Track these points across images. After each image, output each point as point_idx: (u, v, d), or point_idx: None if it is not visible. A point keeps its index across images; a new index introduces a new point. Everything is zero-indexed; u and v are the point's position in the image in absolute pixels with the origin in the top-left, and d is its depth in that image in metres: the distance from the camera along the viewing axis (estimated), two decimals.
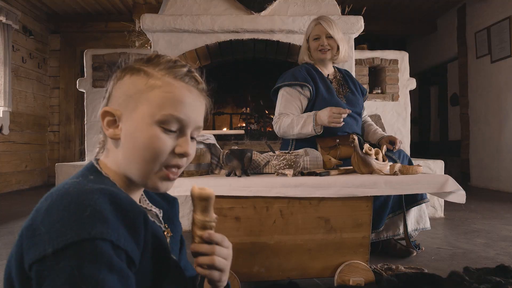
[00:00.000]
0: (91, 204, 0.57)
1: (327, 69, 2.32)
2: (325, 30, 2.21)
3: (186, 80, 0.74)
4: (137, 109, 0.71)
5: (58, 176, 3.04)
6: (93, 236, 0.55)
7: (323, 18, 2.25)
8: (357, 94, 2.32)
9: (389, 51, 3.83)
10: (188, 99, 0.73)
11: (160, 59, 0.76)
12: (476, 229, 2.80)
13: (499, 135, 5.14)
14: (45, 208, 0.59)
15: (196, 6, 3.32)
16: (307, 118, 2.06)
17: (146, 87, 0.72)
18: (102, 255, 0.55)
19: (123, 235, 0.59)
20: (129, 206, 0.62)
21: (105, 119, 0.73)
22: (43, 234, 0.56)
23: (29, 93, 5.67)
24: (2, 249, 2.29)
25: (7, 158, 5.13)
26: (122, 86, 0.74)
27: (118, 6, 5.88)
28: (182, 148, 0.73)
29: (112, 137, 0.73)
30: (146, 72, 0.73)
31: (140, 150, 0.70)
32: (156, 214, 0.84)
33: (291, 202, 1.57)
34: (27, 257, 0.57)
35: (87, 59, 3.69)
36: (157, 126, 0.70)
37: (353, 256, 1.62)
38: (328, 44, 2.22)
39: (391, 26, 6.52)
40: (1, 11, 4.70)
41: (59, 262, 0.53)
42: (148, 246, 0.65)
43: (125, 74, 0.75)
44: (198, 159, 1.65)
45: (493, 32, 5.18)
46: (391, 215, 2.08)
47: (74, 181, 0.65)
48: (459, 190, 1.63)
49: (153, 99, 0.71)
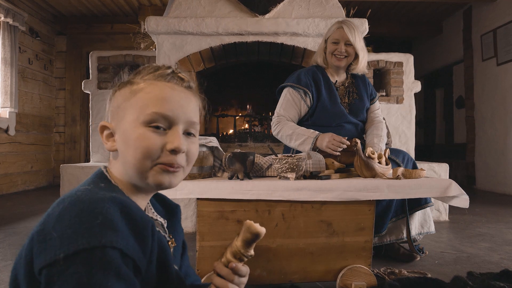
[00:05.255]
0: (102, 212, 0.59)
1: (338, 76, 2.25)
2: (346, 36, 2.11)
3: (168, 79, 0.76)
4: (125, 117, 0.74)
5: (63, 177, 3.06)
6: (103, 244, 0.56)
7: (347, 22, 2.14)
8: (365, 100, 2.26)
9: (394, 54, 3.82)
10: (171, 95, 0.75)
11: (146, 68, 0.79)
12: (481, 233, 2.78)
13: (505, 138, 5.10)
14: (57, 214, 0.60)
15: (201, 9, 3.33)
16: (307, 139, 2.05)
17: (130, 94, 0.75)
18: (111, 263, 0.56)
19: (132, 244, 0.60)
20: (138, 216, 0.63)
21: (103, 133, 0.77)
22: (55, 239, 0.57)
23: (35, 94, 5.72)
24: (7, 250, 2.31)
25: (13, 159, 5.17)
26: (114, 101, 0.78)
27: (124, 8, 5.91)
28: (172, 144, 0.73)
29: (110, 149, 0.76)
30: (131, 82, 0.77)
31: (131, 151, 0.72)
32: (161, 224, 0.86)
33: (293, 205, 1.57)
34: (37, 261, 0.58)
35: (93, 61, 3.71)
36: (144, 127, 0.72)
37: (356, 260, 1.62)
38: (346, 51, 2.14)
39: (396, 29, 6.50)
40: (8, 13, 4.74)
41: (69, 267, 0.55)
42: (153, 256, 0.66)
43: (116, 90, 0.78)
44: (200, 162, 1.66)
45: (499, 34, 5.15)
46: (394, 219, 2.07)
47: (86, 188, 0.67)
48: (463, 194, 1.62)
49: (136, 102, 0.73)
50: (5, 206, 4.06)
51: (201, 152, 1.66)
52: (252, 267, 1.57)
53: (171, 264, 0.74)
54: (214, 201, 1.53)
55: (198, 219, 1.53)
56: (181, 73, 0.79)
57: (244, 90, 4.15)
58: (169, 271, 0.73)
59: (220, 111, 4.08)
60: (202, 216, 1.54)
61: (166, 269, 0.72)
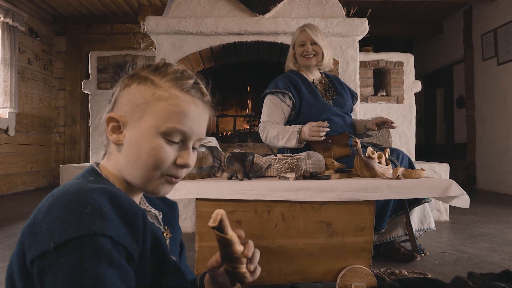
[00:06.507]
0: (91, 202, 0.59)
1: (313, 75, 2.38)
2: (310, 36, 2.27)
3: (192, 93, 0.76)
4: (142, 119, 0.73)
5: (63, 178, 3.06)
6: (93, 231, 0.56)
7: (308, 25, 2.32)
8: (345, 96, 2.38)
9: (394, 53, 3.81)
10: (193, 113, 0.75)
11: (167, 68, 0.77)
12: (482, 233, 2.78)
13: (505, 137, 5.09)
14: (46, 207, 0.61)
15: (200, 8, 3.32)
16: (291, 133, 2.12)
17: (153, 98, 0.73)
18: (102, 250, 0.56)
19: (122, 231, 0.60)
20: (127, 204, 0.64)
21: (109, 124, 0.75)
22: (44, 231, 0.57)
23: (35, 94, 5.71)
24: (6, 251, 2.30)
25: (13, 159, 5.17)
26: (128, 94, 0.75)
27: (124, 8, 5.91)
28: (183, 159, 0.75)
29: (115, 142, 0.75)
30: (154, 82, 0.75)
31: (143, 158, 0.72)
32: (155, 215, 0.86)
33: (293, 206, 1.56)
34: (28, 253, 0.58)
35: (92, 61, 3.71)
36: (161, 137, 0.72)
37: (355, 260, 1.61)
38: (313, 50, 2.28)
39: (396, 28, 6.50)
40: (8, 13, 4.74)
41: (60, 257, 0.55)
42: (146, 244, 0.66)
43: (132, 81, 0.76)
44: (200, 162, 1.65)
45: (499, 34, 5.14)
46: (392, 216, 2.07)
47: (74, 181, 0.67)
48: (463, 194, 1.61)
49: (159, 111, 0.73)
50: (5, 206, 4.06)
51: (200, 152, 1.65)
52: None
53: (167, 253, 0.74)
54: (213, 201, 1.53)
55: (197, 220, 1.52)
56: (201, 84, 0.79)
57: (244, 90, 4.14)
58: (166, 261, 0.73)
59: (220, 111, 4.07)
60: (201, 216, 1.53)
61: (163, 258, 0.72)
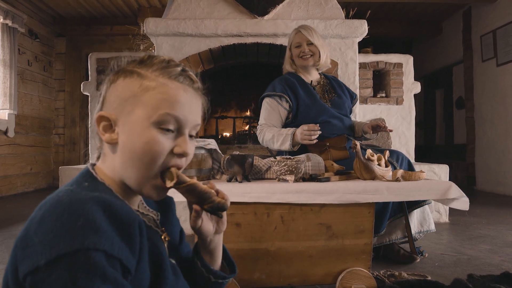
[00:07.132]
0: (84, 213, 0.57)
1: (311, 76, 2.37)
2: (306, 37, 2.27)
3: (180, 79, 0.74)
4: (133, 113, 0.71)
5: (62, 179, 3.05)
6: (86, 246, 0.54)
7: (303, 26, 2.33)
8: (344, 98, 2.36)
9: (394, 55, 3.81)
10: (184, 98, 0.73)
11: (153, 59, 0.75)
12: (481, 235, 2.77)
13: (505, 138, 5.10)
14: (38, 218, 0.59)
15: (200, 10, 3.32)
16: (285, 137, 2.13)
17: (141, 89, 0.71)
18: (95, 266, 0.54)
19: (117, 243, 0.58)
20: (123, 214, 0.62)
21: (100, 124, 0.73)
22: (36, 245, 0.56)
23: (34, 96, 5.71)
24: (5, 253, 2.30)
25: (12, 161, 5.17)
26: (116, 90, 0.74)
27: (123, 9, 5.91)
28: (181, 148, 0.73)
29: (108, 141, 0.72)
30: (140, 74, 0.73)
31: (138, 154, 0.70)
32: (153, 218, 0.84)
33: (292, 208, 1.56)
34: (21, 268, 0.57)
35: (92, 63, 3.71)
36: (154, 128, 0.70)
37: (355, 263, 1.61)
38: (310, 50, 2.28)
39: (396, 29, 6.50)
40: (7, 15, 4.74)
41: (52, 273, 0.53)
42: (144, 253, 0.65)
43: (118, 77, 0.74)
44: (199, 164, 1.65)
45: (499, 35, 5.14)
46: (392, 218, 2.07)
47: (67, 189, 0.65)
48: (463, 196, 1.61)
49: (148, 101, 0.71)
50: (4, 208, 4.05)
51: (199, 154, 1.65)
52: (251, 270, 1.57)
53: (165, 259, 0.73)
54: None
55: None
56: (190, 72, 0.77)
57: (243, 92, 4.15)
58: (164, 267, 0.72)
59: (219, 113, 4.07)
60: None
61: (161, 267, 0.71)
